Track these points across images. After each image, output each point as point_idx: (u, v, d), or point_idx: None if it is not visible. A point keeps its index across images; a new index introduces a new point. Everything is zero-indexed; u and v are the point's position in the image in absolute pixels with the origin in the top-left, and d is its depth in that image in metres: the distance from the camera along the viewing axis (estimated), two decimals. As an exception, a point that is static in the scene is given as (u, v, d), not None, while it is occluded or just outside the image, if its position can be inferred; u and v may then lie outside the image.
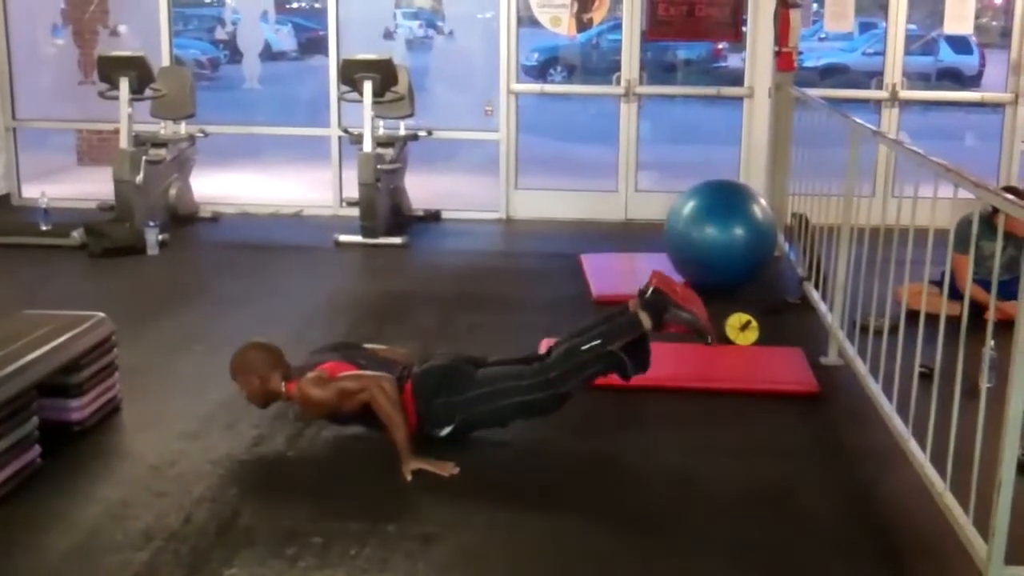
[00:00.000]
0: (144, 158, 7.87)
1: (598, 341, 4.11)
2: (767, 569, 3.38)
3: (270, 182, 10.37)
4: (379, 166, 7.82)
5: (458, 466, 3.93)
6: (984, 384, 3.30)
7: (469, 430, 4.15)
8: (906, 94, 8.75)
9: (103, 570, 3.29)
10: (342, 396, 4.00)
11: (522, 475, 4.01)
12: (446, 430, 4.10)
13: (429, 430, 4.10)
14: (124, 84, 7.70)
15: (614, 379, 4.84)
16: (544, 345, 5.22)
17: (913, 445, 3.79)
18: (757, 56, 8.55)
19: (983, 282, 4.37)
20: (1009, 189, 4.75)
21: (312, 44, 16.97)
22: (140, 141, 8.06)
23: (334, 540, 3.45)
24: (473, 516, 3.65)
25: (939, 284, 4.67)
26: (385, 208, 8.02)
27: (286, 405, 4.45)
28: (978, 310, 3.79)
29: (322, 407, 4.07)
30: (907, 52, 8.95)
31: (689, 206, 6.45)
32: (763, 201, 6.74)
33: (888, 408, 4.14)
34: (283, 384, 4.13)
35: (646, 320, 4.12)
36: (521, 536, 3.54)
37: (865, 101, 9.06)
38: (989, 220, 4.34)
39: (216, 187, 9.39)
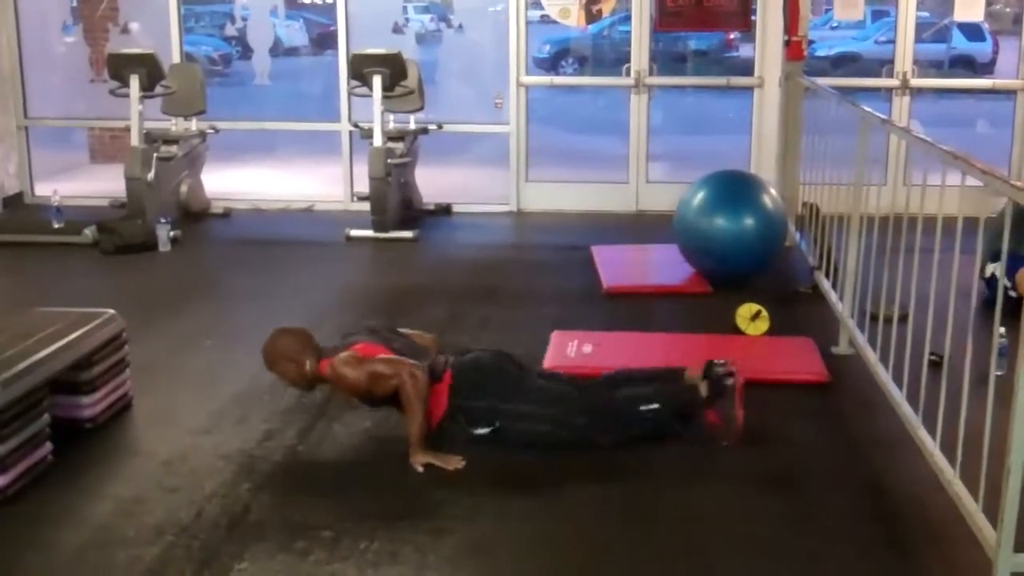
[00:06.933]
0: (155, 155, 7.91)
1: (656, 406, 4.14)
2: (776, 556, 3.38)
3: (281, 177, 10.38)
4: (389, 160, 7.82)
5: (464, 460, 3.94)
6: (994, 372, 3.28)
7: (501, 439, 4.09)
8: (917, 82, 8.69)
9: (114, 565, 3.31)
10: (374, 379, 4.00)
11: (531, 468, 4.00)
12: (483, 431, 4.09)
13: (465, 426, 4.10)
14: (134, 81, 7.72)
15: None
16: (554, 338, 5.24)
17: (923, 433, 3.79)
18: (767, 45, 8.50)
19: None
20: None
21: (323, 39, 16.95)
22: (151, 138, 8.08)
23: (344, 534, 3.46)
24: (482, 509, 3.66)
25: None
26: (396, 202, 8.03)
27: (297, 397, 4.46)
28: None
29: (354, 387, 4.07)
30: (919, 40, 8.90)
31: (699, 196, 6.44)
32: (773, 191, 6.72)
33: (898, 396, 4.14)
34: (317, 365, 4.12)
35: (704, 389, 4.15)
36: (530, 529, 3.55)
37: (876, 89, 9.02)
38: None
39: (227, 183, 9.41)
